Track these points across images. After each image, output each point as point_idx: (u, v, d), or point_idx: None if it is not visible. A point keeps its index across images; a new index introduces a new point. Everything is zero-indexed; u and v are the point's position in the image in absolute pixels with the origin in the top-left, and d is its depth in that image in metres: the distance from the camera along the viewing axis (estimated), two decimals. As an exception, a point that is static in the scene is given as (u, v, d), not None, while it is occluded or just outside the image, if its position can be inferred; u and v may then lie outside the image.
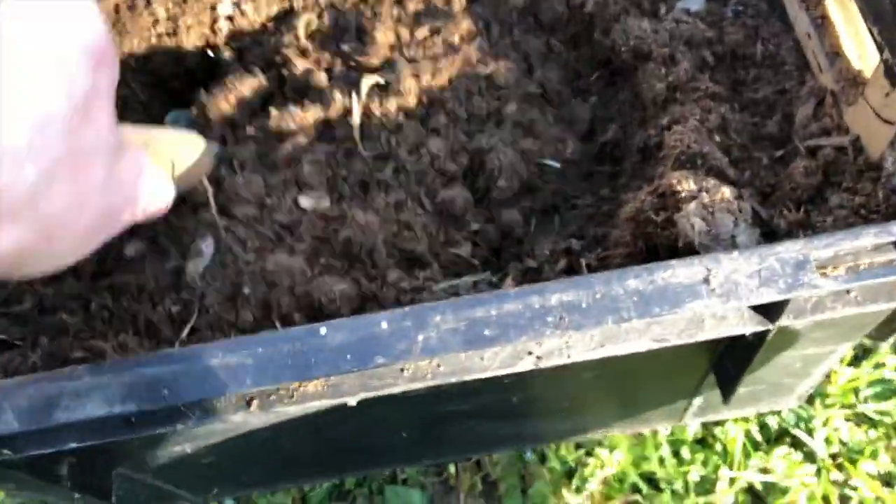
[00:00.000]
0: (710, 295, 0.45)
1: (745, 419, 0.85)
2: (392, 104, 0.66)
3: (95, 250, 0.47)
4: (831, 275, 0.45)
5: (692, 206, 0.53)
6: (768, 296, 0.44)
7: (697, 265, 0.45)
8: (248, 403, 0.50)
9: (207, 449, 0.68)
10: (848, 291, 0.47)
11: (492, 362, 0.50)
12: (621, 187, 0.63)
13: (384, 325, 0.46)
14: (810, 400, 0.86)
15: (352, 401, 0.55)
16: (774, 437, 0.85)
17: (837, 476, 0.83)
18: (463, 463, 0.88)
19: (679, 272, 0.45)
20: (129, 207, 0.48)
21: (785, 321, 0.48)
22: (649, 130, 0.63)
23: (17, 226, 0.39)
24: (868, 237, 0.45)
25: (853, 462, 0.82)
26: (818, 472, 0.82)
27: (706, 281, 0.45)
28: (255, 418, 0.60)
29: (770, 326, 0.48)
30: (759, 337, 0.52)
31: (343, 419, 0.67)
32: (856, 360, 0.88)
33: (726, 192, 0.53)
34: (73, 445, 0.51)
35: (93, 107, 0.41)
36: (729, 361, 0.61)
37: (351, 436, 0.76)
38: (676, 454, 0.85)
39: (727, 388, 0.63)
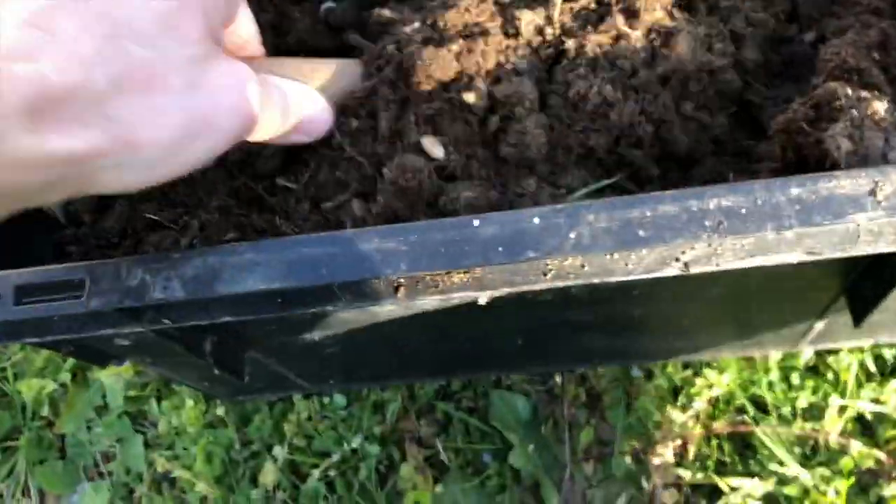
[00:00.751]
0: (876, 207, 0.44)
1: (861, 350, 0.84)
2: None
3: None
4: None
5: (839, 125, 0.51)
6: (939, 212, 0.43)
7: (864, 176, 0.44)
8: (396, 290, 0.52)
9: (332, 341, 0.71)
10: None
11: (636, 266, 0.50)
12: (770, 100, 0.61)
13: (536, 220, 0.47)
14: (930, 336, 0.84)
15: (483, 298, 0.56)
16: (890, 370, 0.84)
17: (955, 413, 0.81)
18: (567, 374, 0.90)
19: (844, 182, 0.45)
20: (230, 119, 0.47)
21: (948, 242, 0.47)
22: (804, 44, 0.61)
23: (88, 130, 0.41)
24: None
25: (973, 401, 0.81)
26: (934, 407, 0.82)
27: (872, 193, 0.44)
28: (390, 310, 0.62)
29: (931, 246, 0.47)
30: (913, 258, 0.51)
31: (466, 321, 0.69)
32: None
33: (879, 107, 0.51)
34: (228, 319, 0.54)
35: (178, 19, 0.44)
36: (867, 284, 0.60)
37: (467, 339, 0.78)
38: (786, 380, 0.85)
39: (860, 312, 0.62)
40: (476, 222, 0.47)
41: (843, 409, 0.83)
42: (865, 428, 0.83)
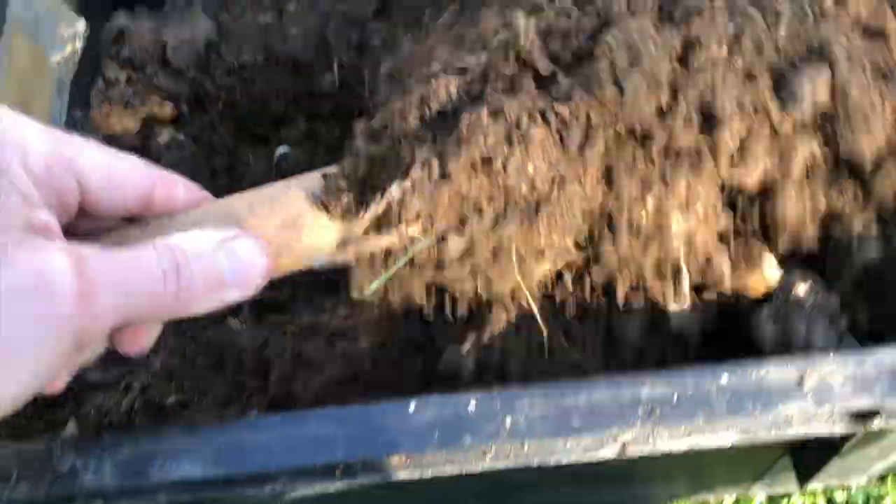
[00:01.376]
0: (805, 397, 0.45)
1: (813, 493, 0.84)
2: None
3: None
4: (930, 383, 0.44)
5: (763, 312, 0.52)
6: (863, 402, 0.44)
7: (791, 366, 0.45)
8: (334, 472, 0.51)
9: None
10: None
11: (576, 446, 0.50)
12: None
13: (472, 405, 0.47)
14: (882, 478, 0.84)
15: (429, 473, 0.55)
16: (843, 515, 0.84)
17: (908, 560, 0.81)
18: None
19: (773, 371, 0.45)
20: (33, 333, 0.34)
21: (876, 425, 0.47)
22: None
23: None
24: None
25: (925, 545, 0.80)
26: (888, 554, 0.81)
27: (800, 383, 0.45)
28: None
29: (860, 430, 0.48)
30: (846, 437, 0.51)
31: (417, 489, 0.68)
32: (933, 444, 0.86)
33: (801, 289, 0.52)
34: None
35: None
36: (808, 453, 0.60)
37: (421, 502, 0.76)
38: (740, 525, 0.84)
39: (803, 478, 0.63)
40: (412, 407, 0.47)
41: (798, 556, 0.82)
42: (822, 575, 0.82)
